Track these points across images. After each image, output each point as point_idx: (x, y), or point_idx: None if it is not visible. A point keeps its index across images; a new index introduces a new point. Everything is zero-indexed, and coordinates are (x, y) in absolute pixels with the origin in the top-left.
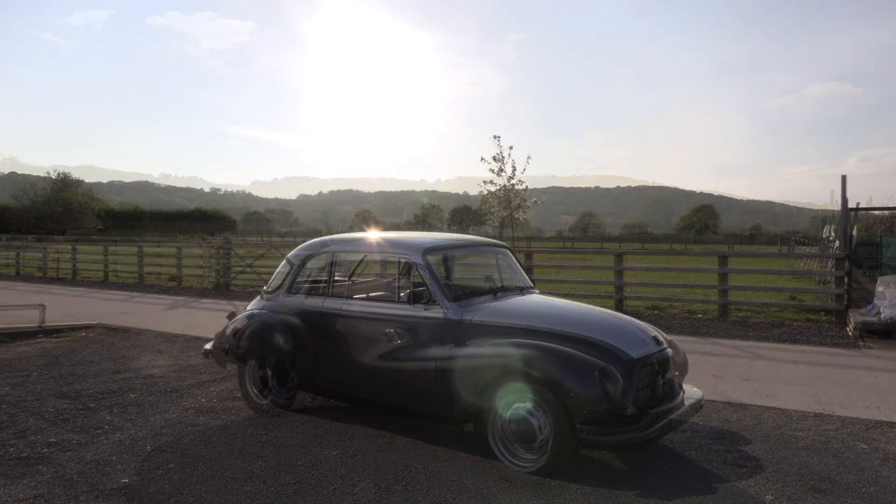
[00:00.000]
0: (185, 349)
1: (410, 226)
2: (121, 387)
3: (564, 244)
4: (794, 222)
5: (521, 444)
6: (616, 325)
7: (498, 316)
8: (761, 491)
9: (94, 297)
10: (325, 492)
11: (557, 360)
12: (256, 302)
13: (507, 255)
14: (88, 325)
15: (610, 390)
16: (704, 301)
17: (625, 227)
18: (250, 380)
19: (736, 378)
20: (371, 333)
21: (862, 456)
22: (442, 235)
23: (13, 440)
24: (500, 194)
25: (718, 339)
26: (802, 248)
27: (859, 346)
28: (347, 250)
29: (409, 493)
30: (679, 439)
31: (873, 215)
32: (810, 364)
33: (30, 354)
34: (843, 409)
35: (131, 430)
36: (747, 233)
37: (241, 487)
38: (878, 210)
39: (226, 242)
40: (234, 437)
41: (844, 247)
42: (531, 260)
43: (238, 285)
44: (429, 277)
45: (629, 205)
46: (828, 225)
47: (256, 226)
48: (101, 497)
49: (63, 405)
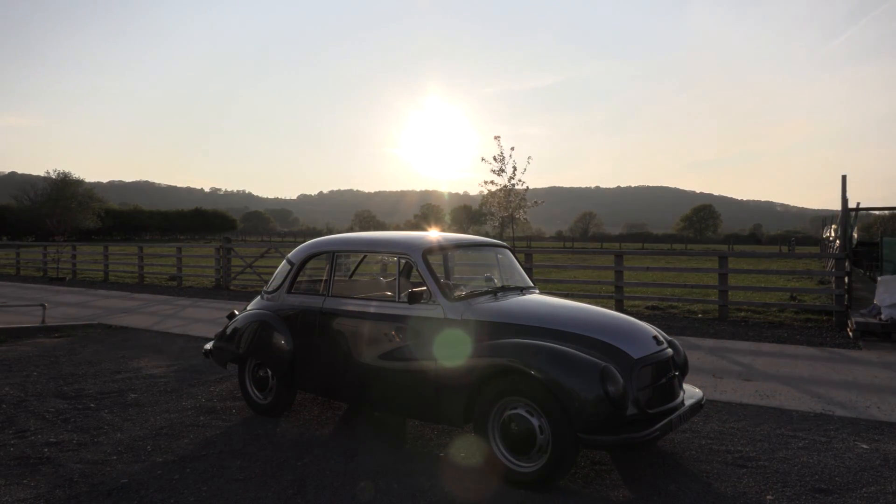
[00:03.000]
0: (185, 349)
1: (411, 226)
2: (121, 387)
3: (564, 244)
4: (794, 222)
5: (522, 445)
6: (616, 325)
7: (498, 315)
8: (761, 491)
9: (94, 297)
10: (325, 492)
11: (558, 359)
12: (257, 302)
13: (508, 255)
14: (88, 325)
15: (610, 390)
16: (704, 301)
17: (625, 227)
18: (250, 380)
19: (736, 378)
20: (371, 333)
21: (862, 456)
22: (442, 235)
23: (13, 440)
24: (501, 194)
25: (718, 339)
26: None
27: (859, 346)
28: (347, 250)
29: (410, 492)
30: (679, 439)
31: (873, 215)
32: (810, 364)
33: (30, 354)
34: (844, 410)
35: (131, 430)
36: (747, 233)
37: (241, 487)
38: (878, 210)
39: (226, 242)
40: (234, 437)
41: (844, 247)
42: (531, 260)
43: (238, 285)
44: (428, 277)
45: (630, 205)
46: (828, 225)
47: (256, 225)
48: (101, 497)
49: (63, 405)
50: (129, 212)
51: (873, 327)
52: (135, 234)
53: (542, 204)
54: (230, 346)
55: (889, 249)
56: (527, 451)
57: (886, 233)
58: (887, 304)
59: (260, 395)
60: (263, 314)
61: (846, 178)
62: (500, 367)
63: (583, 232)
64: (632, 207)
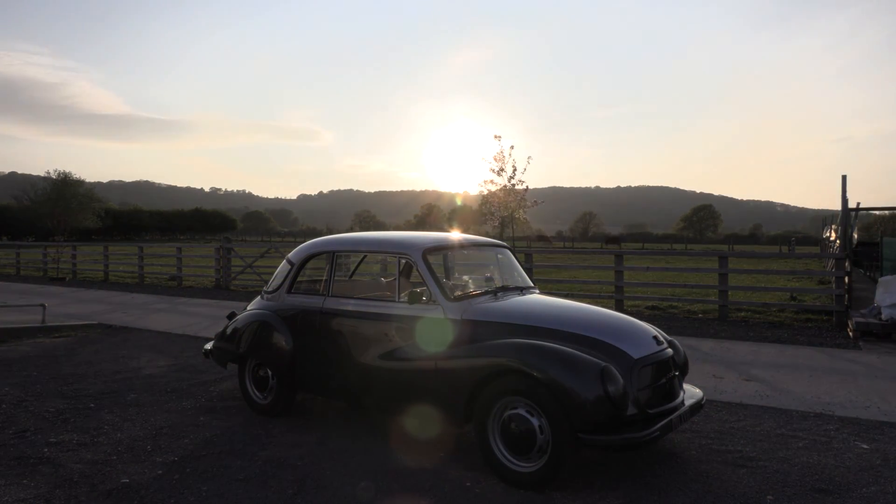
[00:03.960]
0: (185, 349)
1: (411, 226)
2: (121, 387)
3: (565, 244)
4: (794, 222)
5: (521, 445)
6: (617, 325)
7: (498, 315)
8: (761, 491)
9: (94, 296)
10: (325, 492)
11: (558, 359)
12: (257, 302)
13: (508, 255)
14: (88, 325)
15: (611, 390)
16: (704, 301)
17: (625, 228)
18: (250, 380)
19: (736, 378)
20: (371, 333)
21: (862, 456)
22: (442, 235)
23: (13, 440)
24: (501, 194)
25: (718, 339)
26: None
27: (859, 346)
28: (348, 250)
29: (410, 493)
30: (679, 439)
31: (873, 215)
32: (810, 364)
33: (30, 354)
34: (844, 410)
35: (131, 430)
36: (747, 233)
37: (241, 487)
38: (878, 210)
39: (226, 242)
40: (234, 437)
41: (844, 247)
42: (531, 260)
43: (238, 285)
44: (429, 277)
45: (630, 205)
46: (828, 225)
47: (256, 225)
48: (101, 497)
49: (63, 405)
50: (129, 212)
51: (873, 327)
52: (135, 234)
53: (543, 204)
54: (230, 346)
55: (889, 249)
56: (527, 451)
57: (886, 233)
58: (887, 304)
59: (260, 394)
60: (263, 314)
61: (846, 178)
62: (500, 367)
63: (583, 232)
64: (632, 207)
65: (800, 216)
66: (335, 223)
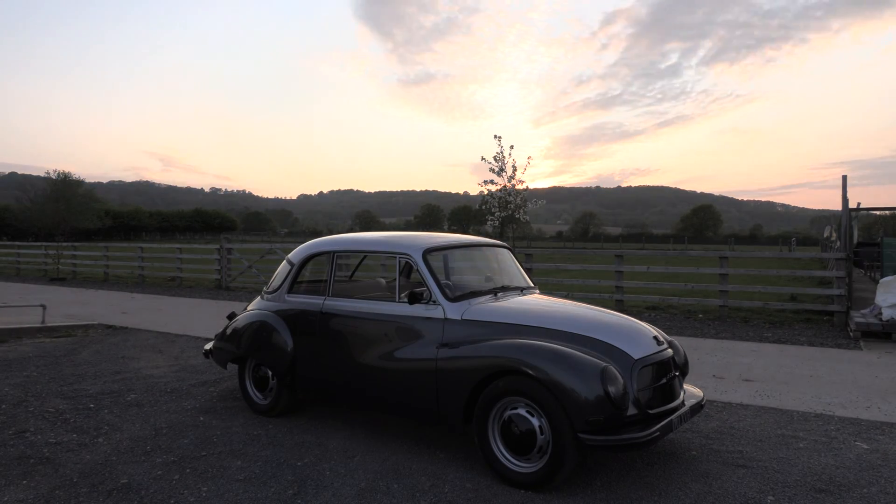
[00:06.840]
0: (185, 349)
1: (411, 226)
2: (121, 387)
3: (565, 245)
4: (794, 222)
5: (522, 446)
6: (617, 325)
7: (498, 315)
8: (762, 491)
9: (94, 297)
10: (326, 492)
11: (558, 359)
12: (257, 302)
13: (508, 255)
14: (89, 325)
15: (611, 391)
16: (704, 301)
17: (625, 228)
18: (250, 380)
19: (736, 378)
20: (371, 333)
21: (862, 456)
22: (442, 235)
23: (13, 440)
24: (500, 194)
25: (719, 339)
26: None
27: (860, 346)
28: (348, 250)
29: (410, 492)
30: (680, 440)
31: (874, 215)
32: (811, 365)
33: (30, 354)
34: (844, 410)
35: (131, 430)
36: (747, 233)
37: (241, 487)
38: (878, 210)
39: (226, 242)
40: (234, 437)
41: (845, 247)
42: (531, 260)
43: (238, 285)
44: (428, 277)
45: (630, 205)
46: (829, 226)
47: (256, 226)
48: (101, 497)
49: (63, 405)
50: (130, 212)
51: (874, 327)
52: (135, 235)
53: (543, 203)
54: (230, 347)
55: (889, 249)
56: (527, 451)
57: (887, 233)
58: (888, 304)
59: (260, 395)
60: (263, 314)
61: (846, 178)
62: (501, 367)
63: (583, 232)
64: (632, 207)
65: (800, 216)
66: (335, 223)
